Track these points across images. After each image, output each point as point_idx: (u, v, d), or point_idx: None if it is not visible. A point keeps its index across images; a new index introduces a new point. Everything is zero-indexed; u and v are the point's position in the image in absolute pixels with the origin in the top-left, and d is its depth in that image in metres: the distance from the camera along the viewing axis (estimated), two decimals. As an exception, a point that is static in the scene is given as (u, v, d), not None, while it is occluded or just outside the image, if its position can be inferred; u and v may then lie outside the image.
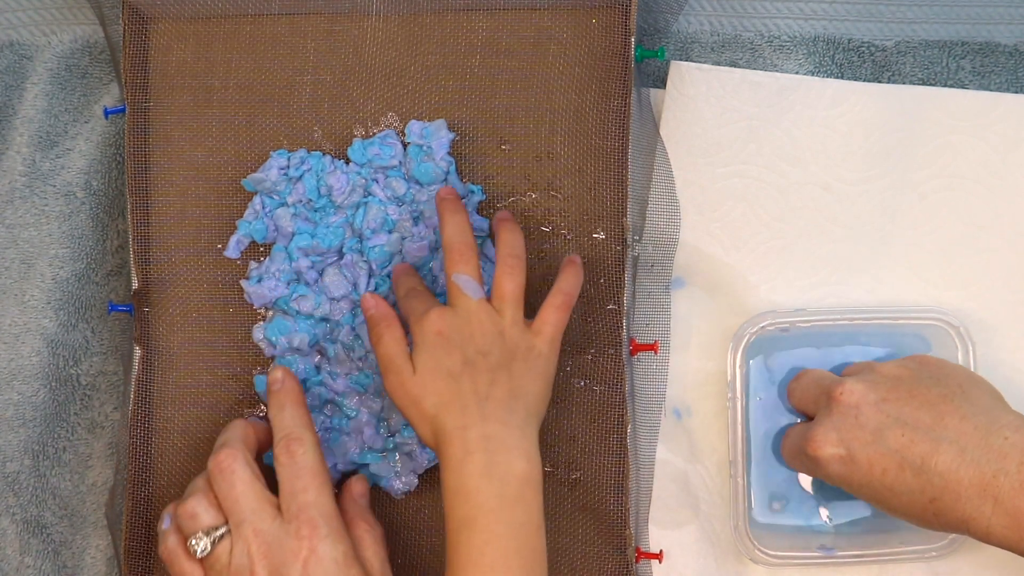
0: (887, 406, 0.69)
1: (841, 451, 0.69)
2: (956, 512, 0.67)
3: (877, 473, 0.69)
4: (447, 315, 0.70)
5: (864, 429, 0.69)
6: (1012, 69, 0.80)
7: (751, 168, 0.80)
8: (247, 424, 0.73)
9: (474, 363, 0.69)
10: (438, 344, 0.69)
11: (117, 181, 0.84)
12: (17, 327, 0.84)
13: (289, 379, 0.73)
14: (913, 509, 0.69)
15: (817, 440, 0.70)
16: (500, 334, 0.70)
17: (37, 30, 0.85)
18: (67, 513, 0.84)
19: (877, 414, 0.69)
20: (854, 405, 0.70)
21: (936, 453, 0.67)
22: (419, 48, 0.79)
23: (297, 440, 0.70)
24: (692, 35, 0.82)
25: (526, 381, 0.70)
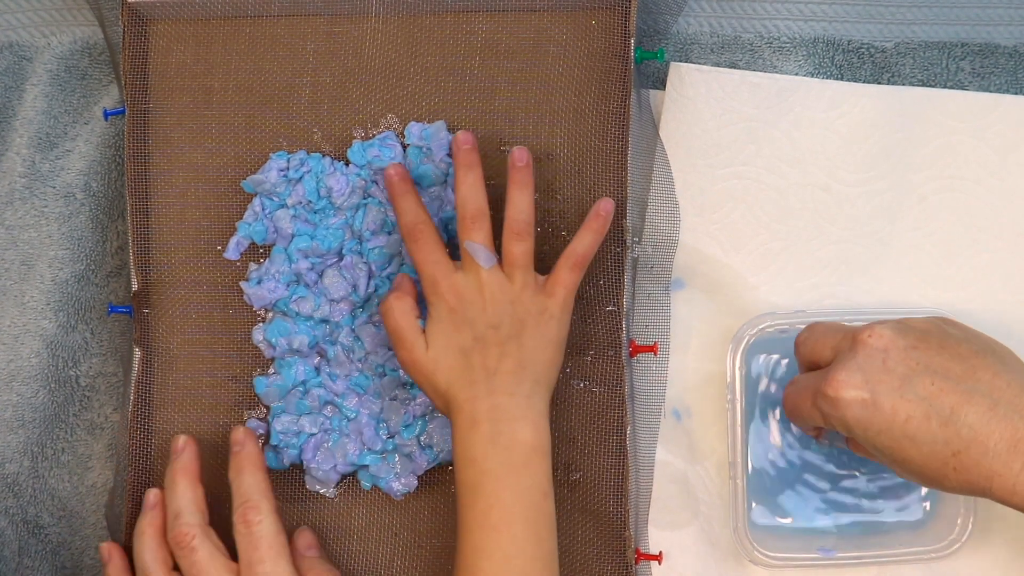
0: (916, 353, 0.66)
1: (864, 394, 0.66)
2: (981, 467, 0.64)
3: (900, 420, 0.65)
4: (459, 286, 0.71)
5: (891, 374, 0.66)
6: (1012, 70, 0.80)
7: (750, 169, 0.80)
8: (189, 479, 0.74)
9: (484, 338, 0.70)
10: (450, 320, 0.71)
11: (117, 182, 0.84)
12: (17, 328, 0.84)
13: (250, 442, 0.74)
14: (932, 462, 0.65)
15: (839, 380, 0.66)
16: (511, 302, 0.71)
17: (37, 31, 0.85)
18: (66, 514, 0.84)
19: (906, 360, 0.66)
20: (882, 348, 0.67)
21: (968, 404, 0.64)
22: (419, 50, 0.79)
23: (254, 509, 0.72)
24: (692, 36, 0.82)
25: (536, 350, 0.71)
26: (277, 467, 0.79)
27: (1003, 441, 0.64)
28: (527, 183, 0.72)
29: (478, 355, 0.70)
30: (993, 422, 0.64)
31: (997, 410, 0.64)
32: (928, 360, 0.66)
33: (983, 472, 0.64)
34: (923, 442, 0.65)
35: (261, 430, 0.79)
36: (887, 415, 0.66)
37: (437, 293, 0.71)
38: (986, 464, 0.64)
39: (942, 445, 0.65)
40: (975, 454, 0.64)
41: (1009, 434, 0.64)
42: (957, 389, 0.65)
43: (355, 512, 0.79)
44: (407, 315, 0.72)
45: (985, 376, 0.65)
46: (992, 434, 0.64)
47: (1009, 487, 0.64)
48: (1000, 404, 0.64)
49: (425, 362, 0.71)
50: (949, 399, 0.65)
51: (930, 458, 0.65)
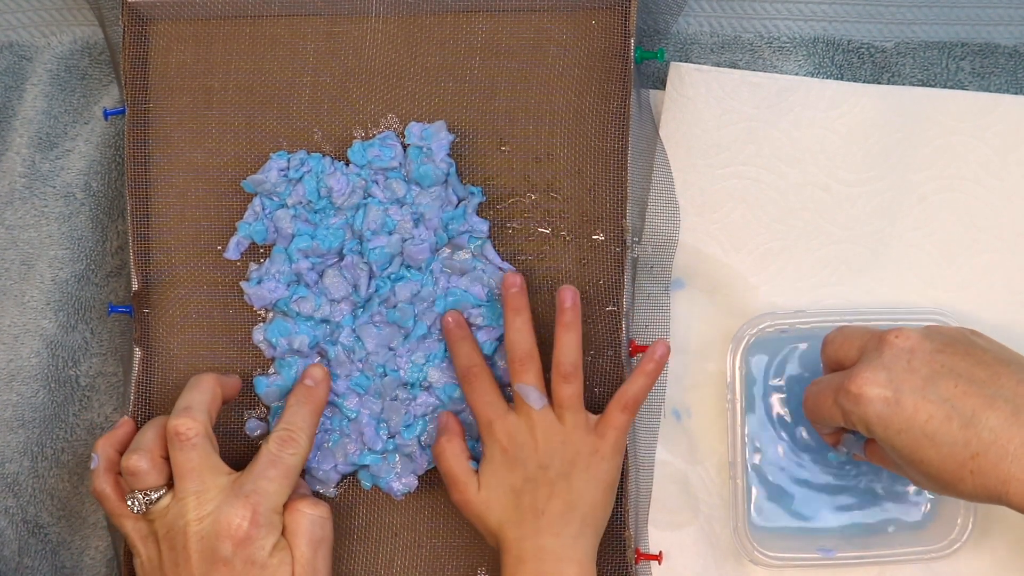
0: (942, 357, 0.67)
1: (888, 392, 0.66)
2: (999, 471, 0.64)
3: (921, 419, 0.65)
4: (511, 428, 0.73)
5: (916, 374, 0.66)
6: (1011, 70, 0.80)
7: (750, 169, 0.80)
8: (214, 383, 0.74)
9: (535, 478, 0.72)
10: (503, 462, 0.73)
11: (117, 182, 0.84)
12: (16, 328, 0.84)
13: (323, 384, 0.75)
14: (950, 463, 0.65)
15: (864, 377, 0.67)
16: (562, 442, 0.73)
17: (37, 31, 0.85)
18: (66, 514, 0.84)
19: (931, 362, 0.66)
20: (908, 349, 0.67)
21: (990, 408, 0.64)
22: (419, 49, 0.79)
23: (293, 440, 0.72)
24: (692, 36, 0.82)
25: (585, 491, 0.72)
26: (277, 467, 0.79)
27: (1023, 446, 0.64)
28: (575, 324, 0.73)
29: (528, 495, 0.72)
30: (1014, 427, 0.64)
31: (1019, 416, 0.64)
32: (953, 364, 0.66)
33: (1000, 476, 0.64)
34: (943, 443, 0.65)
35: (261, 430, 0.79)
36: (908, 414, 0.66)
37: (491, 435, 0.73)
38: (1004, 467, 0.64)
39: (961, 447, 0.65)
40: (994, 457, 0.64)
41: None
42: (980, 393, 0.65)
43: (355, 512, 0.79)
44: (459, 458, 0.74)
45: (1009, 383, 0.65)
46: (1013, 439, 0.64)
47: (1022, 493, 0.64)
48: (1023, 411, 0.64)
49: (477, 503, 0.73)
50: (971, 402, 0.65)
51: (948, 459, 0.65)
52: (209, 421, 0.72)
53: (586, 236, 0.77)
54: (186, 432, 0.70)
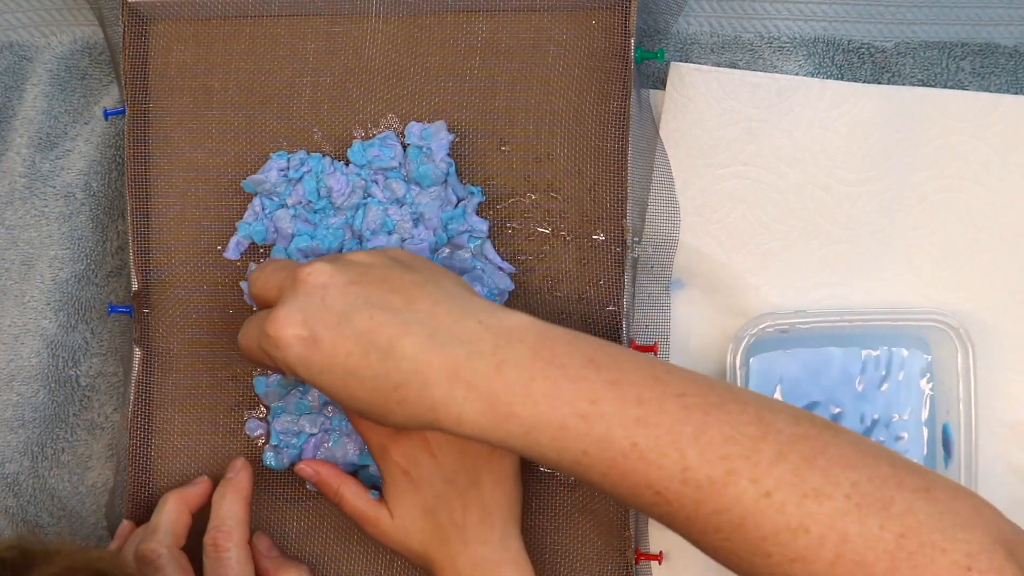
0: (356, 288, 0.63)
1: (304, 332, 0.62)
2: (425, 399, 0.60)
3: (341, 356, 0.61)
4: (406, 448, 0.71)
5: (330, 311, 0.62)
6: (1012, 70, 0.80)
7: (751, 169, 0.80)
8: (179, 502, 0.75)
9: (445, 495, 0.71)
10: (407, 484, 0.72)
11: (117, 182, 0.84)
12: (17, 328, 0.84)
13: (244, 473, 0.75)
14: (376, 397, 0.62)
15: (279, 319, 0.63)
16: (460, 452, 0.71)
17: (37, 31, 0.85)
18: (66, 514, 0.84)
19: (345, 296, 0.62)
20: (321, 285, 0.63)
21: (405, 335, 0.61)
22: (419, 49, 0.79)
23: (226, 535, 0.72)
24: (692, 36, 0.82)
25: (495, 492, 0.71)
26: (277, 467, 0.79)
27: (443, 370, 0.60)
28: None
29: (443, 512, 0.71)
30: (431, 352, 0.60)
31: (435, 340, 0.61)
32: (368, 294, 0.62)
33: (426, 404, 0.61)
34: (365, 377, 0.61)
35: (261, 430, 0.79)
36: (327, 352, 0.62)
37: (388, 459, 0.72)
38: (429, 395, 0.60)
39: (383, 379, 0.61)
40: (416, 386, 0.60)
41: (449, 362, 0.60)
42: (395, 321, 0.61)
43: (355, 512, 0.79)
44: (360, 496, 0.74)
45: (424, 306, 0.62)
46: (432, 364, 0.60)
47: (454, 416, 0.60)
48: (439, 333, 0.61)
49: (394, 531, 0.72)
50: (387, 331, 0.61)
51: (374, 393, 0.62)
52: (175, 542, 0.73)
53: (586, 236, 0.77)
54: (151, 555, 0.72)
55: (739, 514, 0.56)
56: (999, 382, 0.79)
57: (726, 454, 0.57)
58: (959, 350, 0.77)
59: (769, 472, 0.56)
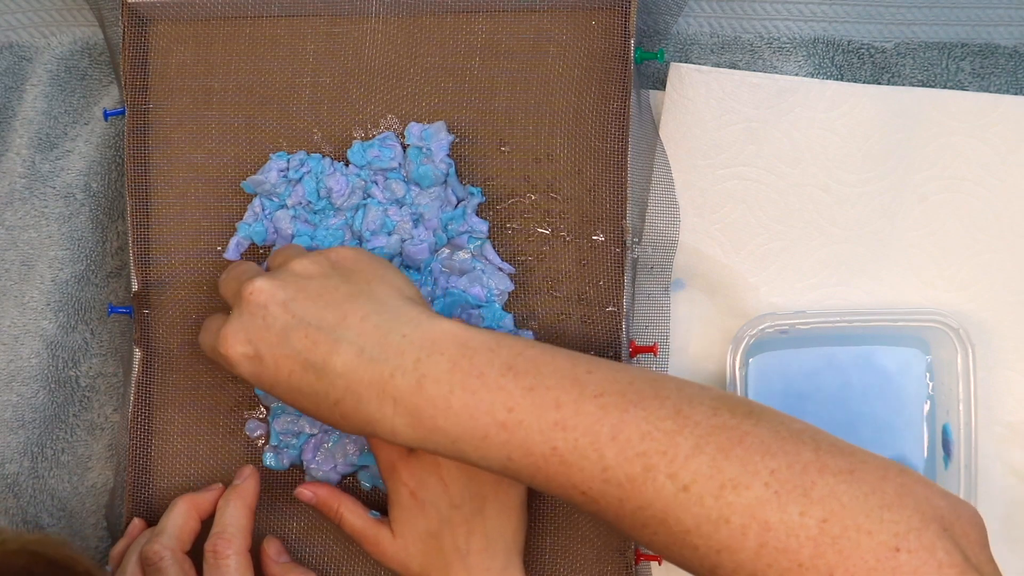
0: (294, 305, 0.64)
1: (250, 350, 0.64)
2: (361, 414, 0.62)
3: (284, 375, 0.64)
4: (416, 469, 0.71)
5: (271, 330, 0.64)
6: (1012, 71, 0.80)
7: (750, 170, 0.80)
8: (188, 507, 0.75)
9: (450, 519, 0.71)
10: (413, 506, 0.72)
11: (117, 183, 0.84)
12: (16, 328, 0.84)
13: (250, 481, 0.76)
14: (321, 411, 0.64)
15: (227, 338, 0.65)
16: (469, 476, 0.71)
17: (36, 32, 0.85)
18: (66, 515, 0.84)
19: (284, 314, 0.64)
20: (262, 304, 0.64)
21: (335, 353, 0.62)
22: (419, 50, 0.79)
23: (227, 542, 0.72)
24: (691, 37, 0.82)
25: (500, 520, 0.72)
26: (277, 467, 0.79)
27: (372, 387, 0.62)
28: None
29: (447, 537, 0.71)
30: (360, 369, 0.62)
31: (363, 356, 0.62)
32: (304, 311, 0.64)
33: (363, 418, 0.62)
34: (308, 394, 0.63)
35: (261, 431, 0.79)
36: (272, 370, 0.64)
37: (397, 478, 0.72)
38: (363, 411, 0.62)
39: (323, 396, 0.63)
40: (352, 402, 0.62)
41: (376, 379, 0.62)
42: (328, 339, 0.63)
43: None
44: (360, 516, 0.74)
45: (354, 322, 0.63)
46: (362, 380, 0.62)
47: (389, 430, 0.62)
48: (366, 350, 0.62)
49: (395, 551, 0.72)
50: (321, 350, 0.63)
51: (318, 408, 0.64)
52: (180, 546, 0.73)
53: (586, 237, 0.77)
54: (155, 557, 0.72)
55: (661, 509, 0.57)
56: (999, 382, 0.79)
57: (643, 451, 0.57)
58: (959, 350, 0.77)
59: (686, 466, 0.57)
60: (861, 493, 0.55)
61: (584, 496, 0.59)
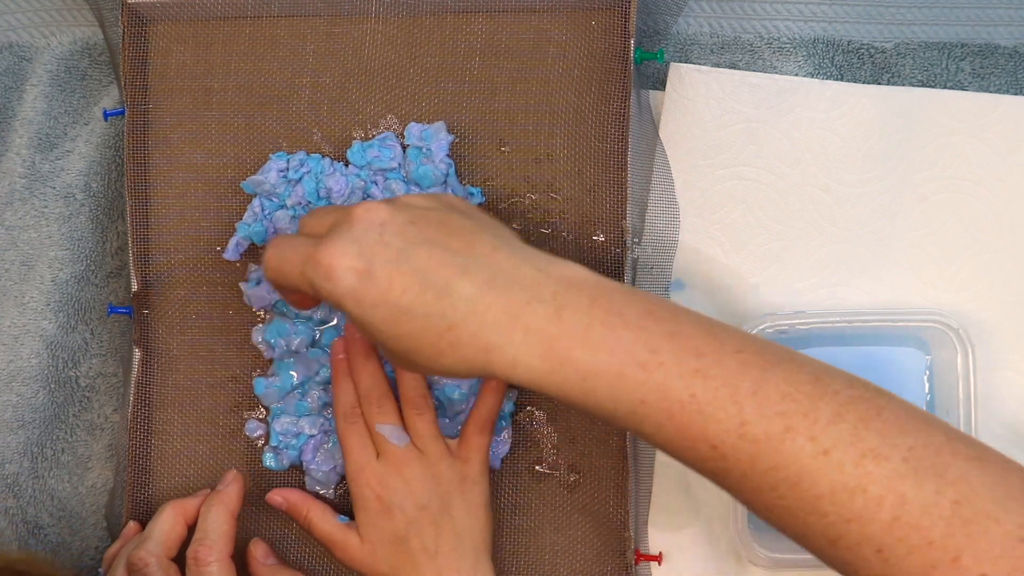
0: (414, 228, 0.61)
1: (360, 264, 0.60)
2: (480, 341, 0.59)
3: (396, 292, 0.60)
4: (380, 471, 0.72)
5: (388, 247, 0.60)
6: (1012, 71, 0.80)
7: (750, 170, 0.80)
8: (175, 512, 0.75)
9: (417, 521, 0.71)
10: (380, 509, 0.72)
11: (116, 183, 0.84)
12: (16, 329, 0.84)
13: (234, 485, 0.75)
14: (427, 335, 0.60)
15: (335, 249, 0.60)
16: (434, 477, 0.72)
17: (36, 32, 0.85)
18: (65, 515, 0.84)
19: (404, 234, 0.61)
20: (379, 223, 0.61)
21: (464, 276, 0.60)
22: (418, 50, 0.79)
23: (208, 549, 0.72)
24: (691, 37, 0.82)
25: (468, 519, 0.72)
26: (277, 468, 0.79)
27: (502, 314, 0.59)
28: None
29: (415, 539, 0.71)
30: (490, 294, 0.59)
31: (495, 283, 0.60)
32: (427, 234, 0.61)
33: (481, 345, 0.59)
34: (418, 315, 0.60)
35: (261, 431, 0.79)
36: (382, 287, 0.60)
37: (363, 480, 0.72)
38: (484, 337, 0.59)
39: (438, 319, 0.60)
40: (472, 327, 0.59)
41: (508, 306, 0.59)
42: (454, 262, 0.60)
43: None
44: (328, 520, 0.74)
45: (484, 250, 0.61)
46: (491, 307, 0.59)
47: (509, 360, 0.59)
48: (498, 277, 0.60)
49: (363, 555, 0.72)
50: (445, 271, 0.60)
51: (425, 332, 0.60)
52: (165, 552, 0.73)
53: (586, 237, 0.77)
54: (139, 563, 0.72)
55: (796, 471, 0.56)
56: (999, 382, 0.79)
57: (784, 410, 0.56)
58: (959, 350, 0.77)
59: (827, 430, 0.56)
60: (990, 481, 0.55)
61: (714, 451, 0.57)
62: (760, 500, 0.58)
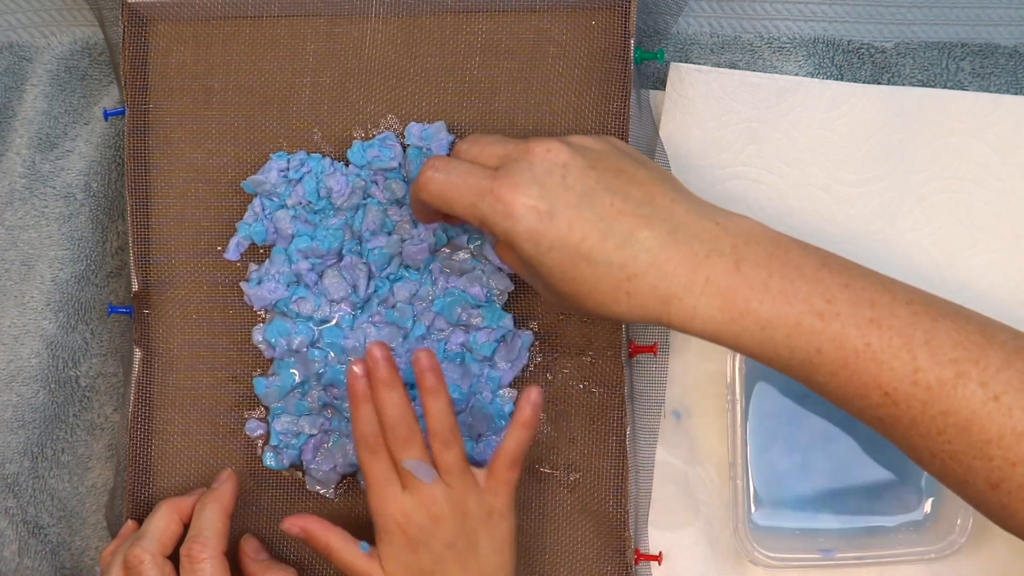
0: (595, 173, 0.62)
1: (543, 205, 0.61)
2: (660, 291, 0.61)
3: (576, 238, 0.61)
4: (407, 507, 0.70)
5: (571, 191, 0.61)
6: (1012, 70, 0.80)
7: (750, 170, 0.80)
8: (170, 510, 0.74)
9: (443, 558, 0.70)
10: (405, 544, 0.70)
11: (117, 183, 0.84)
12: (17, 329, 0.84)
13: (228, 484, 0.75)
14: (604, 284, 0.61)
15: (517, 186, 0.61)
16: (462, 513, 0.70)
17: (36, 32, 0.85)
18: (66, 514, 0.84)
19: (585, 178, 0.62)
20: (561, 164, 0.62)
21: (647, 227, 0.61)
22: (418, 50, 0.79)
23: (202, 545, 0.71)
24: (691, 37, 0.82)
25: (493, 555, 0.71)
26: (277, 467, 0.79)
27: (683, 264, 0.61)
28: (439, 388, 0.70)
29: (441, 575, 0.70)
30: (672, 247, 0.61)
31: (676, 235, 0.61)
32: (608, 181, 0.62)
33: (660, 295, 0.61)
34: (598, 262, 0.61)
35: (261, 430, 0.79)
36: (563, 231, 0.61)
37: (387, 513, 0.70)
38: (664, 287, 0.61)
39: (618, 268, 0.61)
40: (652, 278, 0.61)
41: (689, 257, 0.61)
42: (636, 212, 0.61)
43: (355, 513, 0.79)
44: (350, 550, 0.72)
45: (663, 202, 0.62)
46: (672, 258, 0.61)
47: (689, 310, 0.61)
48: (679, 230, 0.61)
49: None
50: (628, 221, 0.61)
51: (603, 279, 0.61)
52: (161, 550, 0.72)
53: (586, 236, 0.77)
54: (135, 560, 0.71)
55: (966, 416, 0.58)
56: (999, 382, 0.79)
57: (955, 358, 0.59)
58: (959, 350, 0.77)
59: (997, 377, 0.58)
60: None
61: (885, 397, 0.60)
62: (926, 445, 0.60)
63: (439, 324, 0.77)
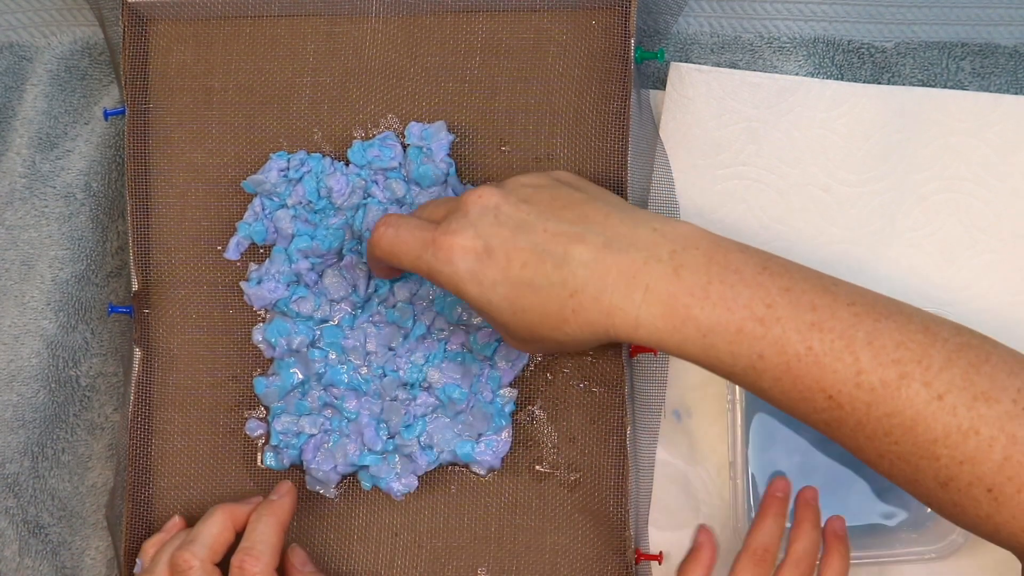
0: (527, 206, 0.63)
1: (478, 244, 0.63)
2: (602, 304, 0.61)
3: (516, 267, 0.62)
4: None
5: (504, 226, 0.63)
6: (1012, 70, 0.80)
7: (751, 170, 0.80)
8: (225, 517, 0.73)
9: None
10: None
11: (117, 183, 0.84)
12: (17, 328, 0.84)
13: (287, 498, 0.74)
14: (551, 306, 0.62)
15: (455, 231, 0.63)
16: None
17: (37, 31, 0.85)
18: (66, 514, 0.84)
19: (517, 212, 0.63)
20: (492, 206, 0.63)
21: (580, 243, 0.61)
22: (419, 50, 0.79)
23: (255, 559, 0.70)
24: (692, 36, 0.82)
25: None
26: (277, 467, 0.79)
27: (621, 275, 0.61)
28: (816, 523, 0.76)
29: None
30: (609, 257, 0.61)
31: (611, 247, 0.61)
32: (540, 210, 0.63)
33: (603, 308, 0.61)
34: (541, 286, 0.62)
35: (261, 430, 0.79)
36: (502, 263, 0.62)
37: None
38: (606, 300, 0.61)
39: (559, 287, 0.61)
40: (593, 291, 0.61)
41: (627, 267, 0.61)
42: (569, 232, 0.62)
43: (355, 512, 0.79)
44: None
45: (597, 217, 0.63)
46: (609, 269, 0.61)
47: (631, 321, 0.61)
48: (614, 242, 0.62)
49: None
50: (562, 241, 0.62)
51: (548, 302, 0.62)
52: (211, 556, 0.71)
53: (586, 236, 0.77)
54: (184, 563, 0.70)
55: (911, 416, 0.58)
56: (999, 382, 0.79)
57: (898, 358, 0.59)
58: (959, 350, 0.77)
59: (939, 376, 0.58)
60: None
61: (829, 401, 0.59)
62: (873, 447, 0.60)
63: (439, 324, 0.77)
